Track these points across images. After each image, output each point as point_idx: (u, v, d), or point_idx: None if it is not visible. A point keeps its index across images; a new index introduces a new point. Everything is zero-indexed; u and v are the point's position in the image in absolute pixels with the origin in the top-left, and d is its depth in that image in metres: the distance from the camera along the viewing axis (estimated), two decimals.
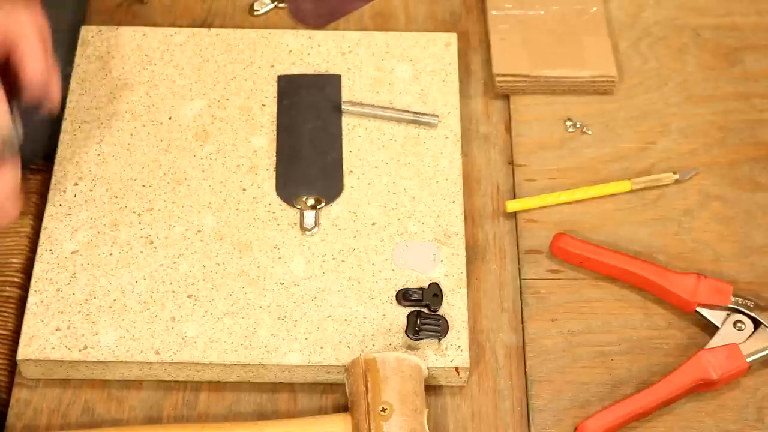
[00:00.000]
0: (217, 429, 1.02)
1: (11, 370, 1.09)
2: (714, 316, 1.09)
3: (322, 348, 1.06)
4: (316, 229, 1.12)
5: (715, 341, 1.07)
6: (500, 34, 1.26)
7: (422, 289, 1.08)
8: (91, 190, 1.14)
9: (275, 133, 1.18)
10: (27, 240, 1.15)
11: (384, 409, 0.99)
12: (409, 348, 1.06)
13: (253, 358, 1.05)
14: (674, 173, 1.18)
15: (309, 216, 1.13)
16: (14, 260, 1.14)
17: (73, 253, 1.10)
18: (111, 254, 1.10)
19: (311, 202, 1.14)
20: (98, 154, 1.17)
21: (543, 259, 1.15)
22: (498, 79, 1.24)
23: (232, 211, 1.13)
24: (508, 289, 1.13)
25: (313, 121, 1.19)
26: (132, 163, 1.16)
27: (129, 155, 1.17)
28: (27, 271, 1.13)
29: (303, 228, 1.12)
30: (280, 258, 1.11)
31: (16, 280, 1.13)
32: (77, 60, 1.23)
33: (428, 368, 1.05)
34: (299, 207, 1.13)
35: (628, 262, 1.12)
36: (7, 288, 1.12)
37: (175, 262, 1.10)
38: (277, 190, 1.15)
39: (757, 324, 1.08)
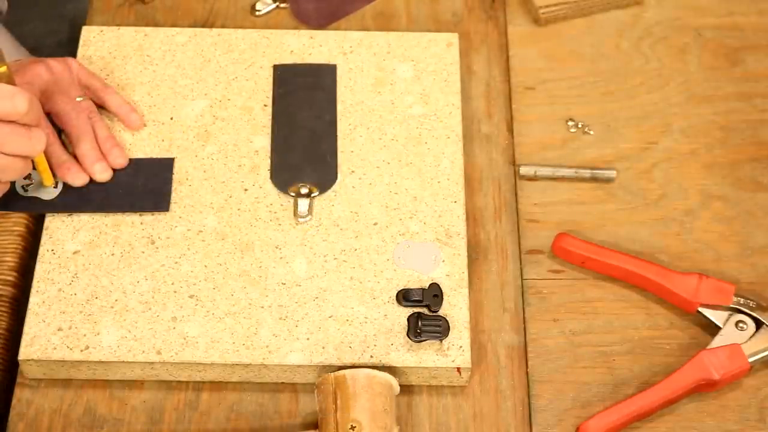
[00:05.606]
0: None
1: (4, 368, 1.09)
2: (716, 316, 1.09)
3: (323, 348, 1.06)
4: (309, 217, 1.12)
5: (717, 341, 1.07)
6: None
7: (422, 289, 1.08)
8: None
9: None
10: (21, 239, 1.16)
11: (353, 427, 0.98)
12: (409, 350, 1.06)
13: (255, 358, 1.05)
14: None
15: (303, 204, 1.13)
16: (8, 259, 1.15)
17: (74, 253, 1.10)
18: (113, 254, 1.10)
19: (305, 189, 1.14)
20: None
21: (544, 259, 1.15)
22: (542, 10, 1.27)
23: (234, 211, 1.13)
24: (509, 289, 1.13)
25: (308, 110, 1.19)
26: None
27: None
28: (21, 269, 1.14)
29: (296, 215, 1.12)
30: (281, 258, 1.11)
31: (9, 278, 1.14)
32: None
33: (431, 368, 1.05)
34: (293, 194, 1.13)
35: (629, 262, 1.12)
36: (0, 286, 1.13)
37: (176, 263, 1.10)
38: (271, 178, 1.15)
39: (759, 324, 1.08)
